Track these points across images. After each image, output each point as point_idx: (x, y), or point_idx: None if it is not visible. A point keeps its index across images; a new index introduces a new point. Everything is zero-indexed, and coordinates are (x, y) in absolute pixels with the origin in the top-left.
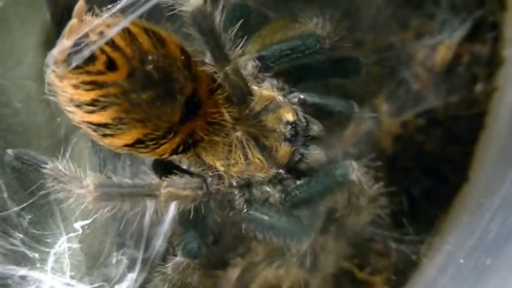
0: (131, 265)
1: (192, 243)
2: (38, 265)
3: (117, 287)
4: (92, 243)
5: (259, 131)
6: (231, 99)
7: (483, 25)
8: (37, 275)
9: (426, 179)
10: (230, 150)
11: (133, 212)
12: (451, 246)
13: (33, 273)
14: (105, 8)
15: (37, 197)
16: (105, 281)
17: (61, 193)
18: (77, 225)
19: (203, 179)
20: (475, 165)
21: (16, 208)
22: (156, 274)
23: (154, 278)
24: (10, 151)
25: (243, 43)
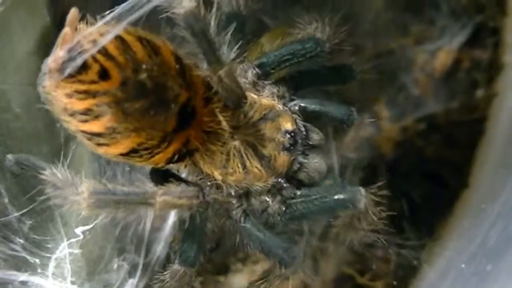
0: (132, 270)
1: (188, 251)
2: (39, 270)
3: None
4: (93, 249)
5: (257, 140)
6: (228, 106)
7: (483, 30)
8: (38, 280)
9: (426, 184)
10: (228, 159)
11: (129, 219)
12: (451, 251)
13: (33, 278)
14: (99, 16)
15: (37, 202)
16: (106, 287)
17: (57, 199)
18: (78, 230)
19: (199, 188)
20: (475, 170)
21: (16, 213)
22: (155, 281)
23: (153, 285)
24: (10, 157)
25: (239, 49)
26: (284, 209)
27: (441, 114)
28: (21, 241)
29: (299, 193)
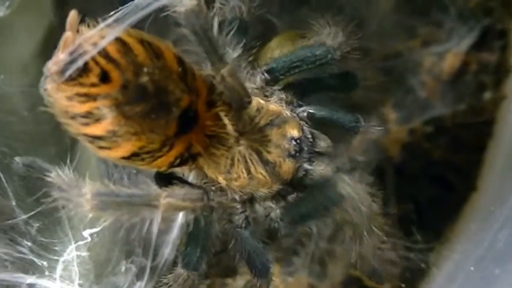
0: (140, 273)
1: (191, 255)
2: (46, 273)
3: None
4: (100, 251)
5: (262, 145)
6: (232, 107)
7: (491, 33)
8: (45, 283)
9: (434, 187)
10: (232, 164)
11: (133, 222)
12: (459, 255)
13: (41, 281)
14: (101, 18)
15: (45, 205)
16: None
17: (62, 201)
18: (86, 233)
19: (204, 191)
20: (483, 173)
21: (24, 216)
22: (160, 284)
23: None
24: (17, 159)
25: (244, 51)
26: (284, 212)
27: (449, 116)
28: (29, 243)
29: (299, 198)
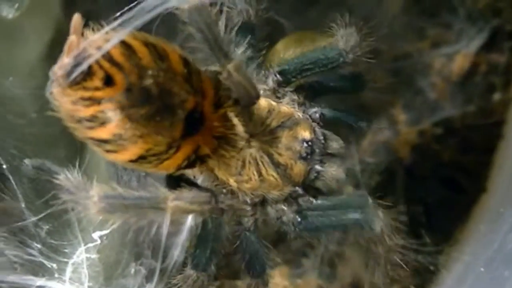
0: (149, 275)
1: (200, 256)
2: (56, 275)
3: None
4: (110, 254)
5: (273, 148)
6: (240, 106)
7: (500, 34)
8: (55, 285)
9: (443, 188)
10: (243, 166)
11: (141, 224)
12: (469, 256)
13: (51, 283)
14: (107, 20)
15: (54, 207)
16: None
17: (70, 203)
18: (95, 235)
19: (212, 193)
20: (493, 174)
21: (33, 218)
22: (169, 285)
23: None
24: (27, 161)
25: (251, 52)
26: (299, 219)
27: (458, 118)
28: (38, 246)
29: (315, 202)
